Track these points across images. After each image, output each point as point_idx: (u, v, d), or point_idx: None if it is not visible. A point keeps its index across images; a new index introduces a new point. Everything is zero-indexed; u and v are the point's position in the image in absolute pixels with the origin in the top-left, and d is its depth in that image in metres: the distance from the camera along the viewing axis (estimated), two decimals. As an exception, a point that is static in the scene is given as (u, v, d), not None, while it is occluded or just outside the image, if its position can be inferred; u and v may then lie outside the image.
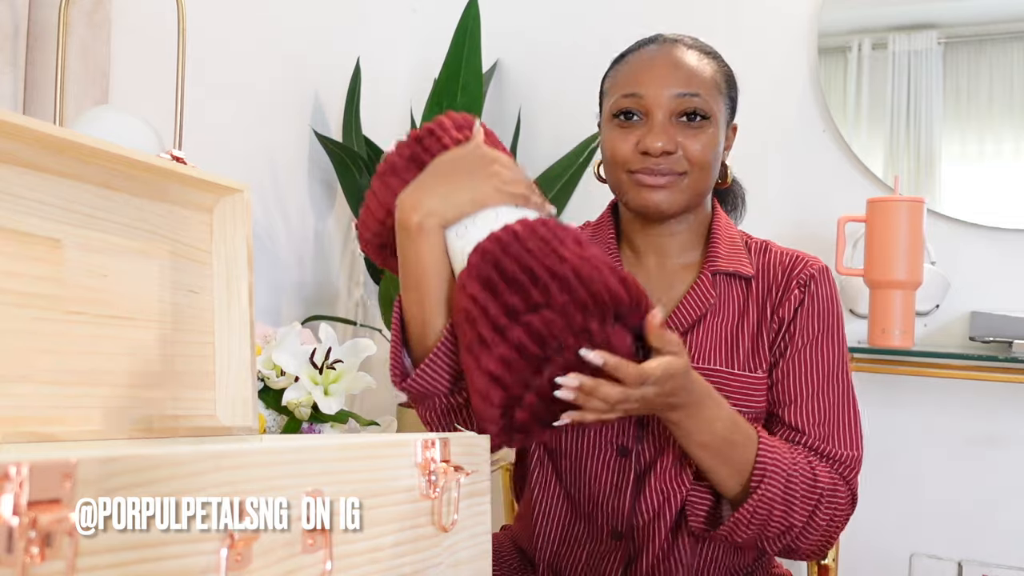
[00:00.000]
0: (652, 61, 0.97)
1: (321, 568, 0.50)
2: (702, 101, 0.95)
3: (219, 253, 0.83)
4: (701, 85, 0.95)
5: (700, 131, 0.95)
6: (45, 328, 0.66)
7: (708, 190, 0.99)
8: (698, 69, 0.96)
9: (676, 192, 0.95)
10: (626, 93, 0.96)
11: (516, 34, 2.27)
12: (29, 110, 1.25)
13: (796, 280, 0.97)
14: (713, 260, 0.99)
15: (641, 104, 0.95)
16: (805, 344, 0.96)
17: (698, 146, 0.94)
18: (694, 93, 0.94)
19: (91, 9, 1.31)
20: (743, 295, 0.99)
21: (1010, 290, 1.81)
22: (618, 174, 0.98)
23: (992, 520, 1.81)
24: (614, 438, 0.96)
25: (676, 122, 0.95)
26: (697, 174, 0.95)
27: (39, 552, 0.36)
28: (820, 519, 0.90)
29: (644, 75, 0.96)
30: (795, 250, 1.02)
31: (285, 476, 0.48)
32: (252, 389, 0.82)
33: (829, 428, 0.94)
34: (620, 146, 0.96)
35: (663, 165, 0.94)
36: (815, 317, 0.97)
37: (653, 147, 0.93)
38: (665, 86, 0.94)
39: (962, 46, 1.89)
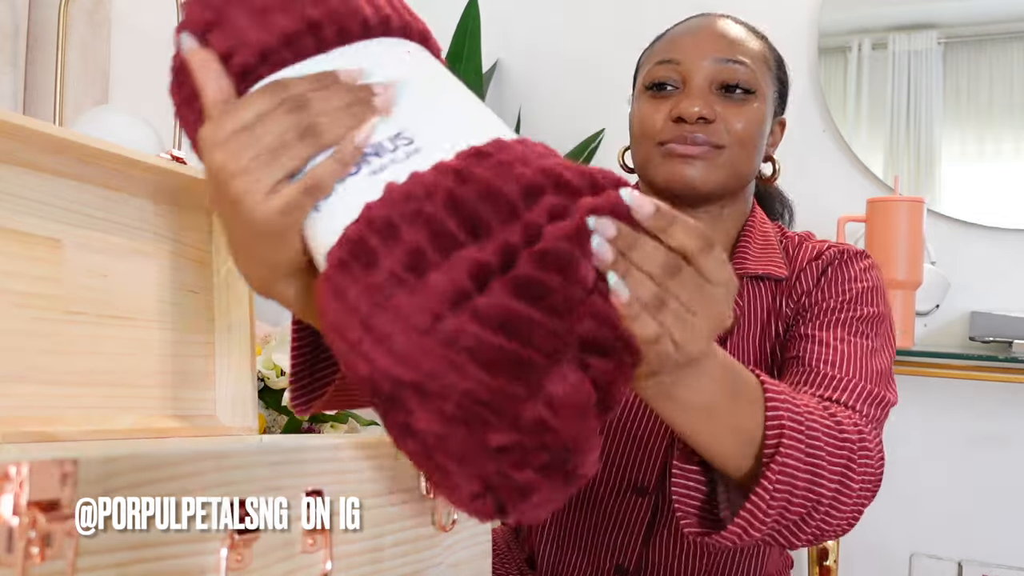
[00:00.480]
0: (694, 30, 0.87)
1: (321, 568, 0.50)
2: (747, 71, 0.83)
3: (219, 253, 0.83)
4: (747, 55, 0.85)
5: (744, 104, 0.83)
6: (45, 328, 0.66)
7: (749, 175, 0.87)
8: (745, 39, 0.86)
9: (712, 167, 0.82)
10: (661, 60, 0.85)
11: (516, 34, 2.27)
12: (29, 110, 1.25)
13: (835, 255, 0.85)
14: (741, 261, 0.87)
15: (678, 71, 0.84)
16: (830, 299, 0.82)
17: (741, 120, 0.83)
18: (739, 61, 0.83)
19: (91, 9, 1.31)
20: (771, 297, 0.87)
21: (1010, 290, 1.81)
22: (647, 148, 0.85)
23: (992, 520, 1.81)
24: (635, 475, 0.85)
25: (717, 92, 0.83)
26: (737, 151, 0.83)
27: (39, 552, 0.36)
28: (853, 483, 0.63)
29: (683, 42, 0.86)
30: (840, 243, 0.90)
31: (285, 476, 0.48)
32: (252, 389, 0.82)
33: (861, 372, 0.76)
34: (651, 116, 0.84)
35: (700, 135, 0.82)
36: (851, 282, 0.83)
37: (689, 112, 0.81)
38: (706, 52, 0.83)
39: (962, 46, 1.89)
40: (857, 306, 0.81)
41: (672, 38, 0.88)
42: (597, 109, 2.09)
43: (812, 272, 0.86)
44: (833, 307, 0.81)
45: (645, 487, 0.86)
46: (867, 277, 0.84)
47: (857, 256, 0.86)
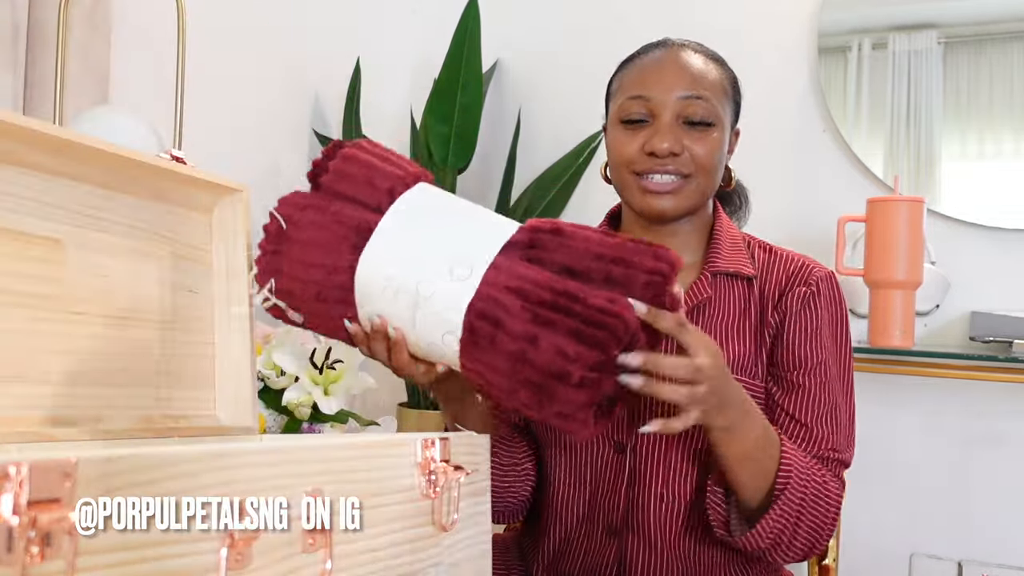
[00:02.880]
0: (659, 64, 0.98)
1: (321, 568, 0.50)
2: (708, 105, 0.95)
3: (219, 253, 0.83)
4: (707, 88, 0.96)
5: (706, 135, 0.95)
6: (45, 328, 0.66)
7: (711, 192, 1.00)
8: (704, 72, 0.97)
9: (681, 197, 0.96)
10: (633, 95, 0.97)
11: (516, 34, 2.27)
12: (29, 110, 1.25)
13: (803, 280, 0.97)
14: (713, 260, 0.99)
15: (648, 106, 0.96)
16: (811, 341, 0.96)
17: (704, 150, 0.95)
18: (700, 96, 0.95)
19: (91, 9, 1.31)
20: (744, 295, 0.99)
21: (1010, 290, 1.81)
22: (623, 175, 0.98)
23: (992, 520, 1.81)
24: (611, 433, 0.96)
25: (682, 125, 0.95)
26: (702, 178, 0.96)
27: (39, 552, 0.36)
28: (829, 526, 0.91)
29: (651, 78, 0.97)
30: (802, 255, 1.02)
31: (285, 476, 0.48)
32: (252, 389, 0.82)
33: (830, 427, 0.95)
34: (626, 147, 0.97)
35: (670, 166, 0.95)
36: (822, 316, 0.97)
37: (660, 148, 0.94)
38: (672, 89, 0.95)
39: (962, 46, 1.89)
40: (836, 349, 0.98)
41: (641, 72, 0.99)
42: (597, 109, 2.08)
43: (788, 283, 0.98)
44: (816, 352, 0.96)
45: (622, 443, 0.96)
46: (838, 305, 1.00)
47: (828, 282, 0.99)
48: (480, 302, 0.69)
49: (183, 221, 0.80)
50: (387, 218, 0.73)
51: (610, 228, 1.07)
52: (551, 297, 0.68)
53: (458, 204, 0.77)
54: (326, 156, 0.79)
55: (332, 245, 0.73)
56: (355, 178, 0.76)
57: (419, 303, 0.71)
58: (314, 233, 0.73)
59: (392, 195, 0.75)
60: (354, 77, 2.03)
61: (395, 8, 2.30)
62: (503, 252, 0.71)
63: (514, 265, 0.71)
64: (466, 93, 1.98)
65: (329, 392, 1.16)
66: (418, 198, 0.76)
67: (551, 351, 0.66)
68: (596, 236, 0.73)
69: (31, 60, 1.26)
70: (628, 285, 0.70)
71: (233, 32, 1.72)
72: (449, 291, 0.70)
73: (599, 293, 0.68)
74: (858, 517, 1.87)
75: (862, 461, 1.04)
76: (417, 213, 0.74)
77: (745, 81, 1.07)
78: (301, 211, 0.75)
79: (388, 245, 0.73)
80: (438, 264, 0.71)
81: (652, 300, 0.71)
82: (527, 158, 2.19)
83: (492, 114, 2.27)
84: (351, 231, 0.73)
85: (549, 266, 0.71)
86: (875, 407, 1.90)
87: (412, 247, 0.72)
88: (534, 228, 0.73)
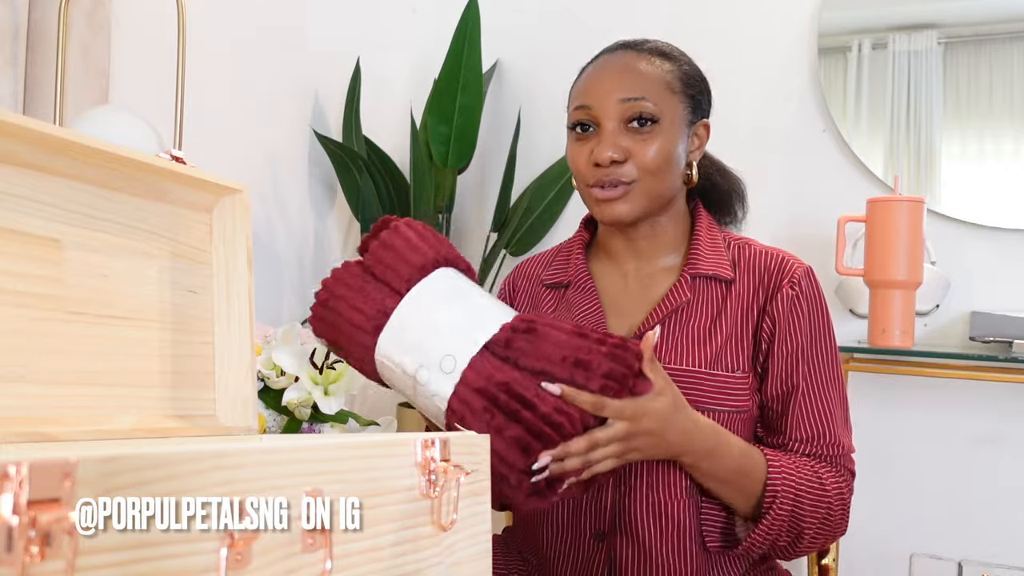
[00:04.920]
0: (599, 71, 0.98)
1: (321, 568, 0.50)
2: (649, 104, 0.94)
3: (219, 253, 0.83)
4: (647, 88, 0.95)
5: (650, 136, 0.94)
6: (45, 328, 0.66)
7: (669, 192, 0.99)
8: (645, 72, 0.96)
9: (631, 201, 0.96)
10: (577, 105, 0.98)
11: (516, 34, 2.27)
12: (29, 110, 1.25)
13: (788, 280, 0.98)
14: (693, 263, 1.00)
15: (591, 115, 0.96)
16: (801, 342, 0.97)
17: (648, 153, 0.94)
18: (639, 97, 0.94)
19: (91, 9, 1.31)
20: (721, 296, 0.99)
21: (1010, 290, 1.81)
22: (580, 187, 0.99)
23: (992, 520, 1.81)
24: (592, 523, 0.97)
25: (627, 129, 0.95)
26: (648, 180, 0.95)
27: (39, 551, 0.36)
28: (833, 521, 0.95)
29: (592, 85, 0.97)
30: (777, 249, 1.02)
31: (285, 476, 0.48)
32: (252, 389, 0.82)
33: (828, 425, 0.97)
34: (577, 159, 0.97)
35: (612, 175, 0.94)
36: (809, 316, 0.98)
37: (602, 158, 0.94)
38: (611, 94, 0.95)
39: (962, 46, 1.89)
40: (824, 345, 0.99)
41: (584, 81, 1.00)
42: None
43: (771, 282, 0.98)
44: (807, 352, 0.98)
45: (602, 532, 0.97)
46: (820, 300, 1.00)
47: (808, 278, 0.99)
48: (455, 398, 0.81)
49: (183, 221, 0.80)
50: (402, 306, 0.86)
51: (586, 233, 1.09)
52: (506, 400, 0.79)
53: (464, 293, 0.87)
54: (372, 234, 0.91)
55: (359, 325, 0.87)
56: (385, 263, 0.88)
57: (417, 387, 0.84)
58: (348, 312, 0.88)
59: (410, 283, 0.87)
60: (354, 77, 2.03)
61: (395, 8, 2.30)
62: (483, 351, 0.83)
63: (487, 365, 0.82)
64: (466, 93, 1.98)
65: (329, 392, 1.16)
66: (433, 286, 0.87)
67: (496, 453, 0.77)
68: (565, 338, 0.82)
69: (31, 60, 1.26)
70: (588, 385, 0.80)
71: (233, 32, 1.72)
72: (439, 381, 0.83)
73: (548, 401, 0.79)
74: (858, 517, 1.87)
75: (862, 461, 1.04)
76: (427, 301, 0.86)
77: (745, 81, 1.07)
78: (343, 287, 0.89)
79: (397, 332, 0.86)
80: (433, 355, 0.84)
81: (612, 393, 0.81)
82: (527, 158, 2.19)
83: (492, 114, 2.27)
84: (374, 315, 0.87)
85: (521, 366, 0.81)
86: (875, 407, 1.90)
87: (416, 335, 0.85)
88: (512, 328, 0.83)
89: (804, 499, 0.92)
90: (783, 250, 1.02)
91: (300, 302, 2.00)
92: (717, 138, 1.12)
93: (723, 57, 2.04)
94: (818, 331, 0.98)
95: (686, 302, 0.98)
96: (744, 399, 0.96)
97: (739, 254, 1.01)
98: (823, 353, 0.98)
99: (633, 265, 1.03)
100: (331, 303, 0.89)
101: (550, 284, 1.08)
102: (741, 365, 0.96)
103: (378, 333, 0.86)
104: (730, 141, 2.11)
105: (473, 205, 2.34)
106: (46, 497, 0.36)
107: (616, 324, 1.01)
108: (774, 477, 0.92)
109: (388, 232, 0.90)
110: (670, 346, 0.97)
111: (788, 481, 0.92)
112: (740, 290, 0.99)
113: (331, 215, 2.11)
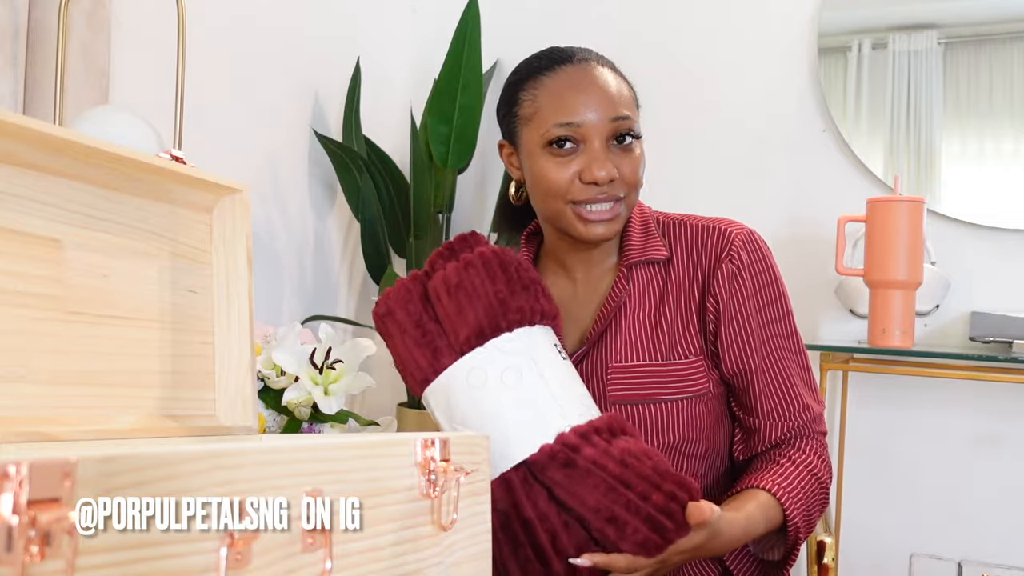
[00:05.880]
0: (582, 87, 0.94)
1: (321, 567, 0.50)
2: (629, 122, 0.95)
3: (219, 253, 0.83)
4: (629, 105, 0.96)
5: (631, 151, 0.95)
6: (45, 328, 0.66)
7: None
8: (623, 88, 0.97)
9: (618, 220, 0.96)
10: (561, 122, 0.93)
11: (516, 34, 2.27)
12: (29, 110, 1.25)
13: (726, 253, 0.97)
14: (627, 253, 1.00)
15: (578, 132, 0.93)
16: (749, 319, 0.96)
17: (631, 167, 0.95)
18: (625, 116, 0.94)
19: (91, 9, 1.31)
20: (661, 279, 0.99)
21: (1010, 290, 1.81)
22: (557, 205, 0.95)
23: (992, 520, 1.81)
24: None
25: (610, 147, 0.94)
26: (632, 195, 0.97)
27: (39, 551, 0.36)
28: (827, 498, 0.98)
29: (578, 103, 0.93)
30: (716, 219, 1.00)
31: (285, 476, 0.48)
32: (252, 389, 0.82)
33: (793, 396, 0.97)
34: (559, 176, 0.94)
35: (608, 193, 0.94)
36: (754, 288, 0.96)
37: (600, 176, 0.92)
38: (599, 113, 0.93)
39: (962, 46, 1.89)
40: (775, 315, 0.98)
41: (562, 97, 0.95)
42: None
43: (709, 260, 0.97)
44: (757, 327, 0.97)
45: None
46: (766, 267, 0.98)
47: (748, 244, 0.97)
48: None
49: (183, 221, 0.79)
50: (453, 369, 0.84)
51: (528, 248, 1.07)
52: (524, 540, 0.79)
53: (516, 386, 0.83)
54: (447, 251, 0.90)
55: (408, 368, 0.88)
56: (446, 309, 0.86)
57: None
58: (401, 347, 0.88)
59: (468, 344, 0.84)
60: (354, 77, 2.03)
61: (395, 8, 2.30)
62: (517, 469, 0.80)
63: (517, 489, 0.79)
64: (466, 93, 1.98)
65: (329, 392, 1.16)
66: (491, 361, 0.84)
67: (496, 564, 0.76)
68: (605, 483, 0.78)
69: (31, 60, 1.26)
70: (619, 544, 0.78)
71: (233, 32, 1.72)
72: None
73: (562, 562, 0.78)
74: (858, 517, 1.87)
75: (862, 461, 1.04)
76: (477, 379, 0.83)
77: (745, 81, 1.08)
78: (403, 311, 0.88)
79: (442, 394, 0.85)
80: None
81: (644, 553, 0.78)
82: (527, 158, 2.18)
83: (492, 114, 2.27)
84: (426, 367, 0.86)
85: (554, 497, 0.79)
86: (875, 407, 1.90)
87: (459, 411, 0.83)
88: (552, 456, 0.79)
89: (814, 508, 0.95)
90: (723, 219, 1.00)
91: (300, 302, 2.00)
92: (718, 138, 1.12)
93: (723, 57, 2.04)
94: (766, 303, 0.97)
95: (627, 294, 0.98)
96: (702, 382, 0.96)
97: (675, 232, 1.01)
98: (774, 324, 0.97)
99: (581, 271, 1.03)
100: (388, 323, 0.89)
101: None
102: (693, 349, 0.96)
103: (426, 384, 0.86)
104: (730, 141, 2.11)
105: (473, 205, 2.34)
106: (46, 497, 0.36)
107: (570, 330, 1.02)
108: (792, 515, 0.91)
109: (458, 269, 0.87)
110: (621, 342, 0.97)
111: (799, 509, 0.92)
112: (679, 270, 0.98)
113: (331, 215, 2.11)
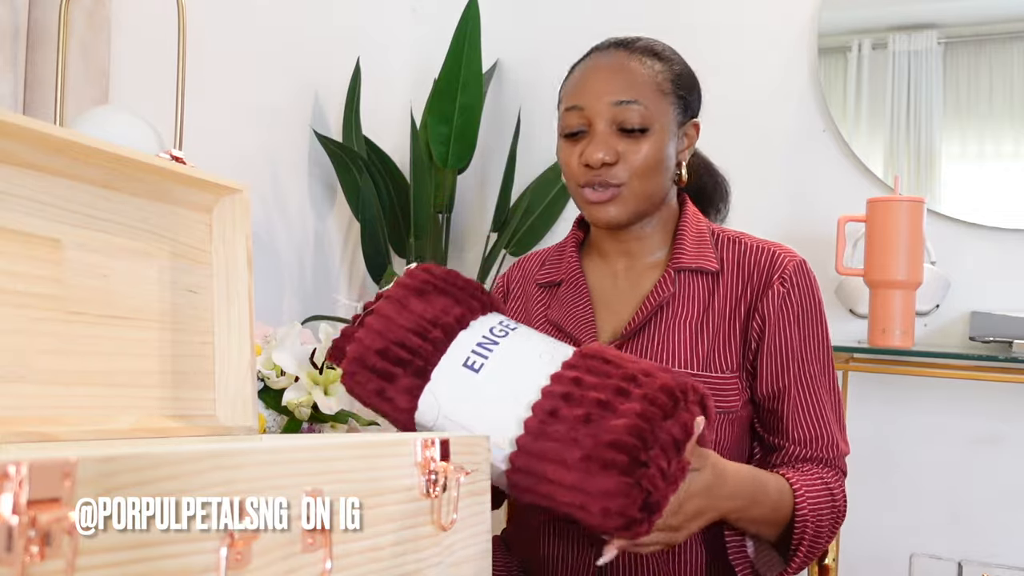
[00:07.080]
0: (591, 71, 0.97)
1: (321, 568, 0.50)
2: (641, 109, 0.93)
3: (219, 253, 0.83)
4: (639, 90, 0.94)
5: (641, 141, 0.94)
6: (45, 328, 0.66)
7: (660, 193, 0.98)
8: (637, 73, 0.95)
9: (620, 204, 0.95)
10: (569, 106, 0.97)
11: (516, 34, 2.27)
12: (29, 110, 1.25)
13: (778, 276, 0.96)
14: (678, 257, 0.99)
15: (583, 116, 0.95)
16: (791, 343, 0.96)
17: (639, 156, 0.94)
18: (632, 100, 0.93)
19: (91, 9, 1.31)
20: (707, 290, 0.98)
21: (1010, 290, 1.81)
22: (572, 187, 0.99)
23: (992, 520, 1.81)
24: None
25: (617, 132, 0.94)
26: (637, 183, 0.95)
27: (39, 551, 0.36)
28: (839, 527, 0.95)
29: (584, 86, 0.96)
30: (770, 243, 1.00)
31: (285, 476, 0.48)
32: (252, 389, 0.82)
33: (823, 428, 0.96)
34: (568, 160, 0.97)
35: (602, 177, 0.94)
36: (800, 314, 0.96)
37: (593, 159, 0.93)
38: (603, 96, 0.94)
39: (962, 46, 1.89)
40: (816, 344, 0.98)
41: (575, 81, 0.98)
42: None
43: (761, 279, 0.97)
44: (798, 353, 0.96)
45: None
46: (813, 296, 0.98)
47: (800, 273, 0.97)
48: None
49: (183, 221, 0.80)
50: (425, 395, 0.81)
51: (579, 231, 1.09)
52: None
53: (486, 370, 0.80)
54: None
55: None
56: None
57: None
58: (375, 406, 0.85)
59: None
60: (354, 77, 2.03)
61: (395, 8, 2.30)
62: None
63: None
64: (466, 93, 1.98)
65: (329, 392, 1.16)
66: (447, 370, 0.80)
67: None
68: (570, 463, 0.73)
69: (31, 60, 1.26)
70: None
71: (233, 32, 1.72)
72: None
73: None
74: (858, 517, 1.87)
75: (862, 461, 1.04)
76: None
77: (745, 81, 1.07)
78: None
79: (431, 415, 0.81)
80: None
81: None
82: (527, 158, 2.19)
83: (492, 114, 2.27)
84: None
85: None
86: (875, 407, 1.90)
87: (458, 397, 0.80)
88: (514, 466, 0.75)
89: (823, 519, 0.92)
90: (777, 243, 1.00)
91: (300, 302, 2.00)
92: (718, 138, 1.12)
93: (723, 57, 2.04)
94: (809, 330, 0.97)
95: (671, 296, 0.97)
96: (734, 399, 0.95)
97: (728, 248, 1.00)
98: (815, 352, 0.97)
99: (623, 264, 1.03)
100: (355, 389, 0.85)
101: (543, 283, 1.08)
102: (731, 365, 0.95)
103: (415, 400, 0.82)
104: (731, 141, 2.11)
105: (473, 205, 2.34)
106: (46, 497, 0.36)
107: (605, 321, 1.02)
108: (801, 506, 0.90)
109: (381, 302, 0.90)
110: (660, 343, 0.96)
111: (811, 507, 0.91)
112: (728, 285, 0.98)
113: (331, 215, 2.11)
